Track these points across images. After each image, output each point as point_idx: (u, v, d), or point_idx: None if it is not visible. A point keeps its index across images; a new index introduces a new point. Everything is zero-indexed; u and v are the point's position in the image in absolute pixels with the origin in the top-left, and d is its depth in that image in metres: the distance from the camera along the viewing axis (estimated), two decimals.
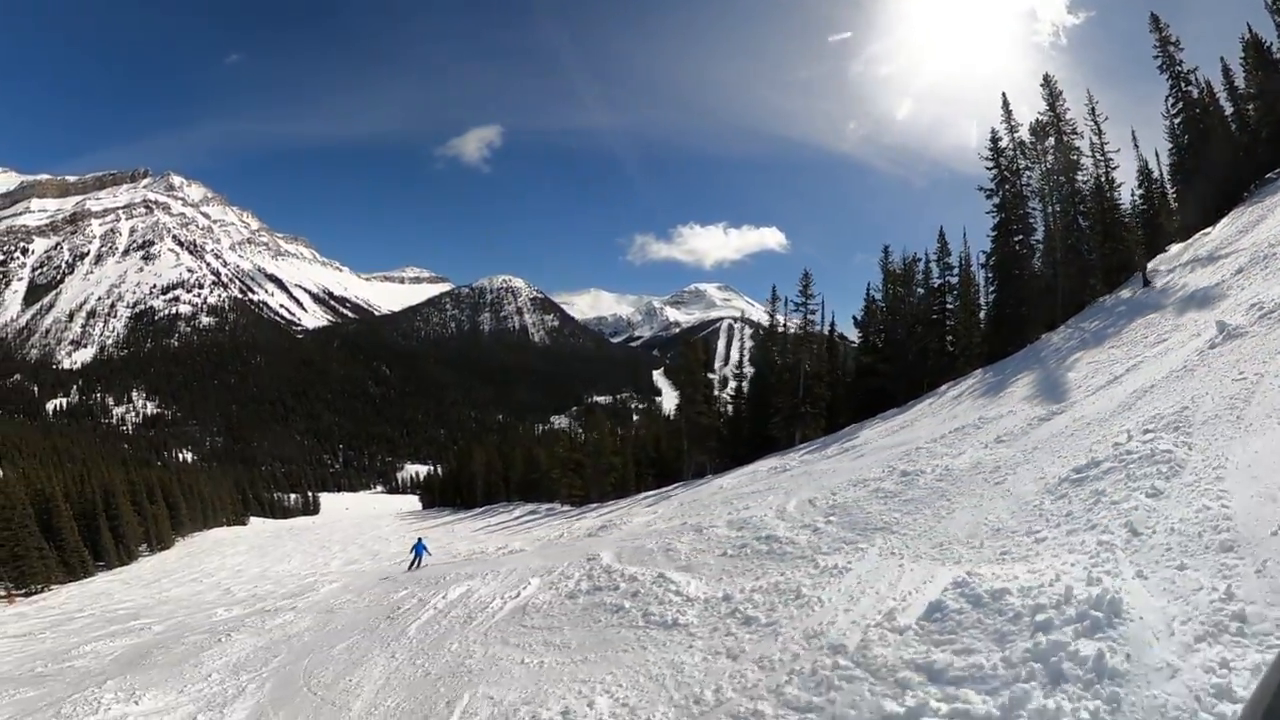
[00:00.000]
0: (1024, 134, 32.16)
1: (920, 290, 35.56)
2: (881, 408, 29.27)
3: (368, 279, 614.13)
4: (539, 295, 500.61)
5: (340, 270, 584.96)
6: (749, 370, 46.68)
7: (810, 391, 36.14)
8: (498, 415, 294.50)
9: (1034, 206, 32.17)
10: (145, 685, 12.49)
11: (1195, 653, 4.75)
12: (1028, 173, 32.18)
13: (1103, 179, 30.28)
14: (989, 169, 32.56)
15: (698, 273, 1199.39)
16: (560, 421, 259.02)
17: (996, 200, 32.21)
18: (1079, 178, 30.82)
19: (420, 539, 28.03)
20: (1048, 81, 31.30)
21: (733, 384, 47.32)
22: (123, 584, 41.56)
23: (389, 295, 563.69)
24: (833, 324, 39.51)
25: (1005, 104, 32.83)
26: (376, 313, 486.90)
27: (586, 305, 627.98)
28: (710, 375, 44.60)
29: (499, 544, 26.54)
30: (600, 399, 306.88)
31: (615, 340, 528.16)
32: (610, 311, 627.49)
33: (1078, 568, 6.76)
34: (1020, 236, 32.11)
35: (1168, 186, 34.66)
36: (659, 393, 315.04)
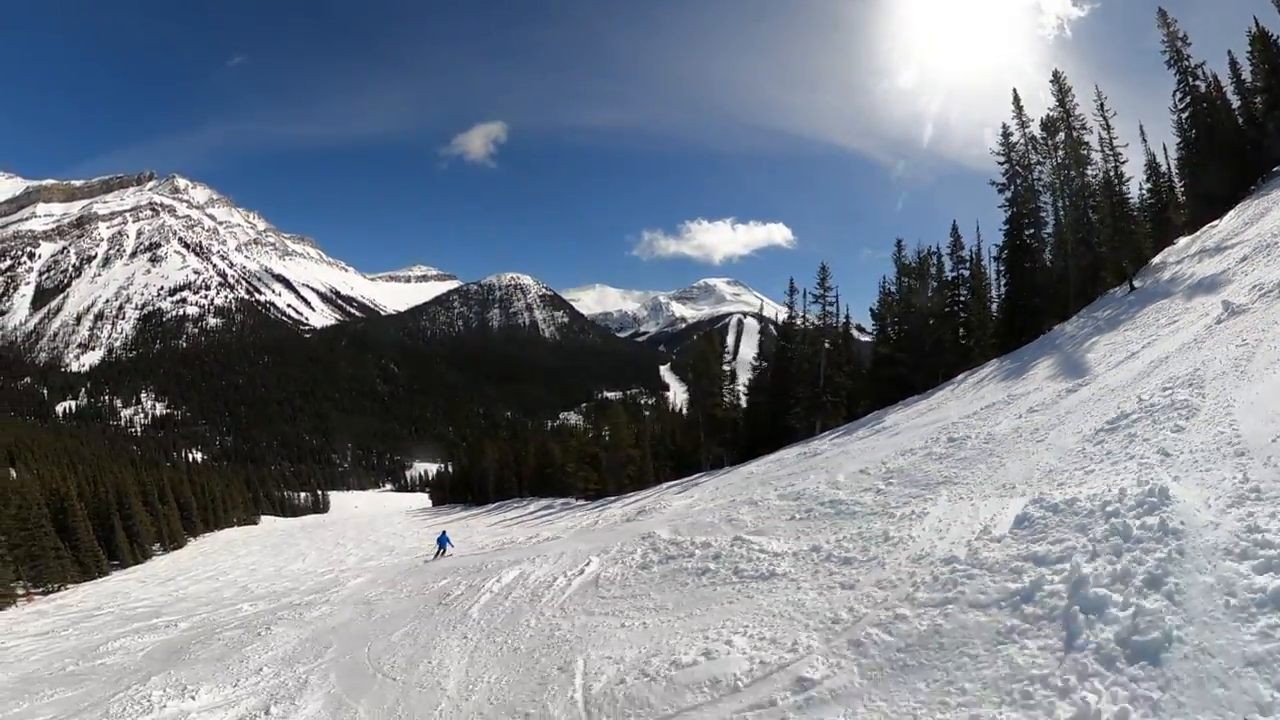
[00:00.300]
0: (1035, 129, 32.24)
1: (934, 283, 35.46)
2: (900, 396, 29.12)
3: (374, 278, 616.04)
4: (548, 292, 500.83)
5: (346, 270, 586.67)
6: (760, 364, 46.58)
7: (830, 381, 36.02)
8: (506, 412, 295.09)
9: (1045, 200, 32.31)
10: (194, 681, 12.25)
11: (1228, 513, 6.50)
12: (1039, 167, 32.23)
13: (1111, 173, 30.36)
14: (1000, 164, 32.59)
15: (706, 268, 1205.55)
16: (570, 418, 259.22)
17: (1008, 194, 32.47)
18: (1089, 172, 30.70)
19: (444, 532, 28.51)
20: (1057, 78, 31.07)
21: (744, 377, 47.18)
22: (138, 582, 41.60)
23: (396, 294, 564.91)
24: (847, 316, 39.61)
25: (1016, 99, 32.74)
26: (383, 312, 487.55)
27: (592, 301, 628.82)
28: (725, 368, 44.29)
29: (526, 534, 26.50)
30: (609, 394, 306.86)
31: (622, 336, 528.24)
32: (616, 308, 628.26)
33: (1128, 478, 8.43)
34: (1032, 230, 32.29)
35: (1175, 180, 34.67)
36: (667, 388, 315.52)
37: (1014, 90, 32.95)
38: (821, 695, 6.18)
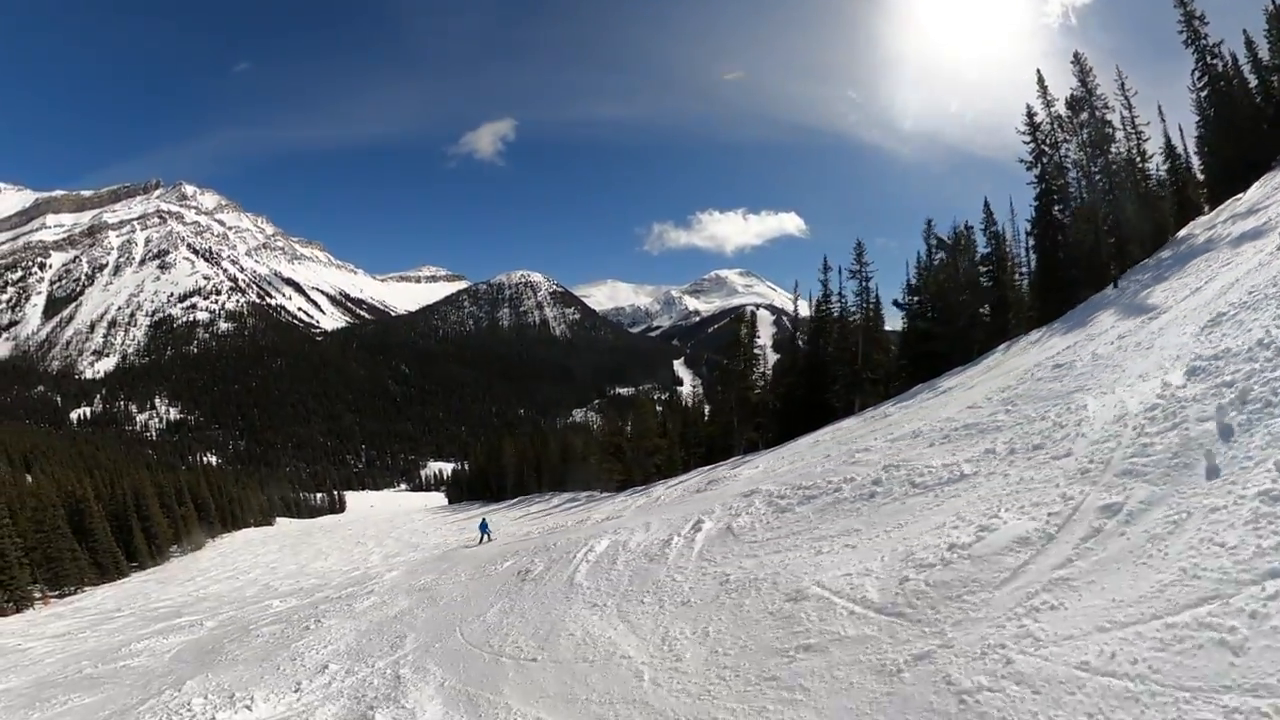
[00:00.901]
0: (1060, 108, 32.11)
1: (969, 258, 34.75)
2: (937, 372, 27.84)
3: (383, 280, 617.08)
4: (559, 289, 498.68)
5: (355, 272, 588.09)
6: (773, 356, 45.42)
7: (869, 358, 34.68)
8: (519, 410, 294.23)
9: (1073, 177, 32.23)
10: (241, 685, 10.64)
11: None
12: (1065, 145, 32.15)
13: (1134, 151, 31.17)
14: (1026, 143, 32.62)
15: (718, 259, 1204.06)
16: (582, 415, 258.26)
17: (1036, 172, 32.53)
18: (1113, 149, 30.97)
19: (484, 519, 29.71)
20: (1078, 59, 31.25)
21: (759, 368, 45.77)
22: (158, 583, 40.57)
23: (405, 295, 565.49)
24: (877, 296, 37.96)
25: (1040, 80, 32.62)
26: (393, 313, 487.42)
27: (604, 297, 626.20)
28: (755, 351, 42.81)
29: (573, 519, 24.94)
30: (622, 391, 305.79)
31: (634, 331, 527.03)
32: (628, 302, 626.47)
33: (1257, 334, 9.10)
34: (1061, 205, 32.21)
35: (1193, 160, 34.37)
36: (681, 383, 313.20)
37: (1038, 71, 33.02)
38: (1135, 507, 6.53)
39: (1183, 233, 27.97)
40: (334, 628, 13.44)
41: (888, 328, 41.07)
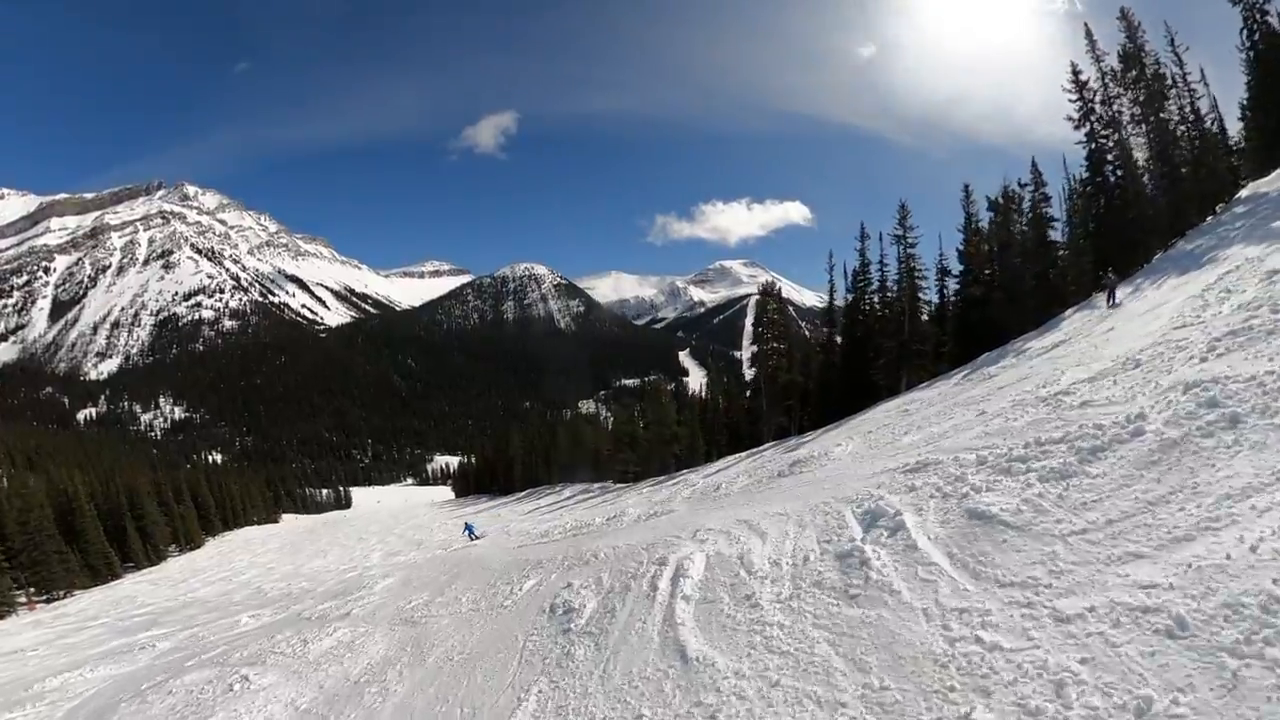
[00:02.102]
0: (1111, 61, 30.94)
1: (1024, 219, 32.66)
2: (991, 342, 25.75)
3: (387, 275, 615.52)
4: (563, 281, 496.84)
5: (359, 268, 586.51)
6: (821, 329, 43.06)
7: (917, 330, 32.56)
8: (524, 403, 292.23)
9: (1126, 134, 30.95)
10: None
11: None
12: (1116, 102, 30.73)
13: (1187, 108, 30.18)
14: (1072, 100, 31.19)
15: (721, 250, 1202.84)
16: (590, 407, 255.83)
17: (1085, 130, 31.08)
18: (1168, 106, 29.99)
19: (467, 523, 30.40)
20: (1125, 14, 30.43)
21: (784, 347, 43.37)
22: (150, 585, 38.80)
23: (409, 290, 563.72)
24: (912, 268, 34.93)
25: (1089, 34, 31.35)
26: (397, 308, 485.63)
27: (608, 289, 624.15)
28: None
29: (602, 515, 21.97)
30: (628, 382, 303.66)
31: (639, 323, 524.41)
32: (633, 294, 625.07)
33: None
34: (1114, 165, 30.68)
35: (1247, 117, 32.52)
36: (686, 374, 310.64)
37: (1085, 25, 31.97)
38: None
39: (1245, 192, 26.88)
40: (266, 694, 9.62)
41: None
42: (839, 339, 38.30)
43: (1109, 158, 30.43)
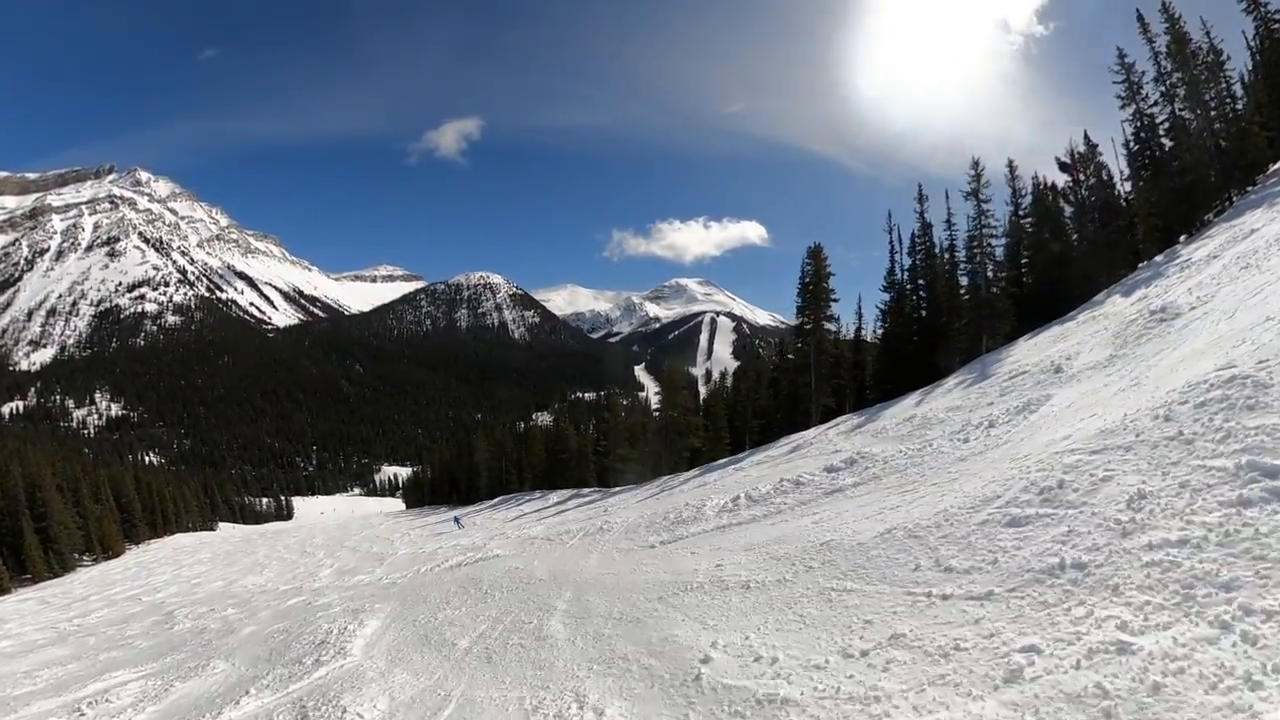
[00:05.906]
0: (1161, 44, 32.16)
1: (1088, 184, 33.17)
2: (1047, 317, 24.86)
3: (338, 278, 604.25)
4: (518, 291, 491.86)
5: (310, 269, 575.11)
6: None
7: (991, 304, 30.03)
8: (476, 414, 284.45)
9: (1176, 109, 32.28)
10: None
11: None
12: (1168, 78, 32.19)
13: (1224, 92, 31.43)
14: (1117, 82, 33.07)
15: (677, 268, 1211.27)
16: (543, 419, 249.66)
17: (1131, 110, 32.98)
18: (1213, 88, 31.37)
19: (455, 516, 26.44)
20: (1165, 7, 31.53)
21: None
22: (39, 604, 32.22)
23: (361, 294, 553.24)
24: (983, 225, 31.82)
25: (1140, 19, 32.54)
26: (347, 312, 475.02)
27: (563, 301, 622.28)
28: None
29: (654, 534, 16.69)
30: (585, 395, 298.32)
31: (594, 336, 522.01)
32: (588, 307, 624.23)
33: None
34: (1166, 137, 32.43)
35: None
36: (642, 388, 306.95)
37: (1137, 11, 32.92)
38: None
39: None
40: None
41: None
42: (910, 304, 35.55)
43: (1161, 130, 32.33)
